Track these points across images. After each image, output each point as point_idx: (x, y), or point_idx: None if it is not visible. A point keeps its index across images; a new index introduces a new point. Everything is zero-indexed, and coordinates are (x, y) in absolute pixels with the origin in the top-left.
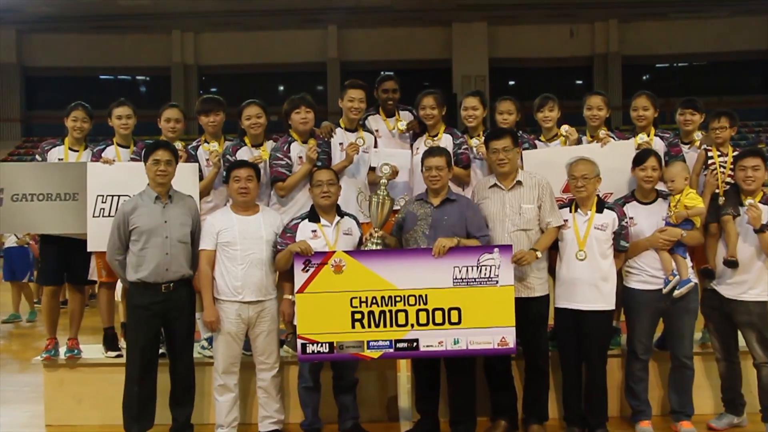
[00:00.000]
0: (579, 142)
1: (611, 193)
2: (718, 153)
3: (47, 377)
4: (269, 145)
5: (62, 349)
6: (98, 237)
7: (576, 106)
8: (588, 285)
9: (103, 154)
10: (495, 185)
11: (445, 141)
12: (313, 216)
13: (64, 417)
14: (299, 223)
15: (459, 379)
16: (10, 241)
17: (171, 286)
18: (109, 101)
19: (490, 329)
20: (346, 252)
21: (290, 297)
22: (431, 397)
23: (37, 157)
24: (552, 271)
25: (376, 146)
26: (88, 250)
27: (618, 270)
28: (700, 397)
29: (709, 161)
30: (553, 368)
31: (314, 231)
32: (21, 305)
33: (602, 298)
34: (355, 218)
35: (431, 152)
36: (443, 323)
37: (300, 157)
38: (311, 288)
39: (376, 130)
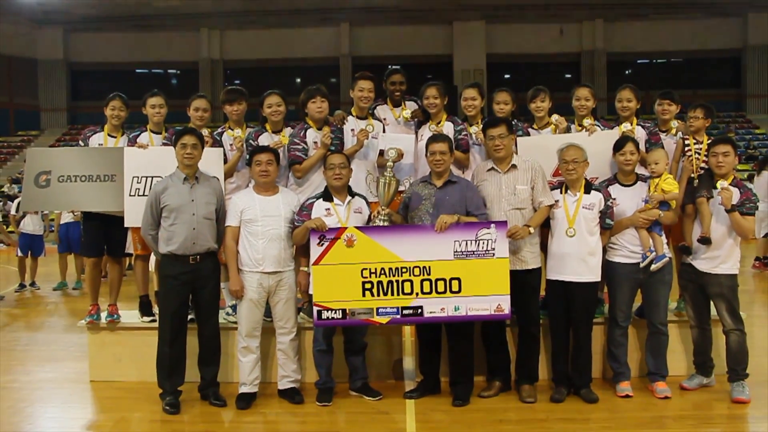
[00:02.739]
0: (568, 130)
1: (596, 178)
2: (694, 141)
3: (91, 338)
4: (288, 131)
5: (103, 314)
6: (134, 214)
7: (565, 97)
8: (576, 259)
9: (138, 140)
10: (492, 168)
11: (447, 128)
12: (326, 196)
13: (106, 374)
14: (314, 202)
15: (459, 343)
16: (67, 217)
17: (198, 258)
18: (143, 92)
19: (487, 297)
20: (357, 228)
21: (306, 269)
22: (433, 360)
23: (80, 142)
24: (544, 246)
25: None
26: (125, 225)
27: (603, 246)
28: (674, 360)
29: (686, 148)
30: (543, 334)
31: (328, 209)
32: (68, 275)
33: (589, 271)
34: (364, 198)
35: (434, 138)
36: (445, 292)
37: (315, 143)
38: (326, 260)
39: (384, 119)
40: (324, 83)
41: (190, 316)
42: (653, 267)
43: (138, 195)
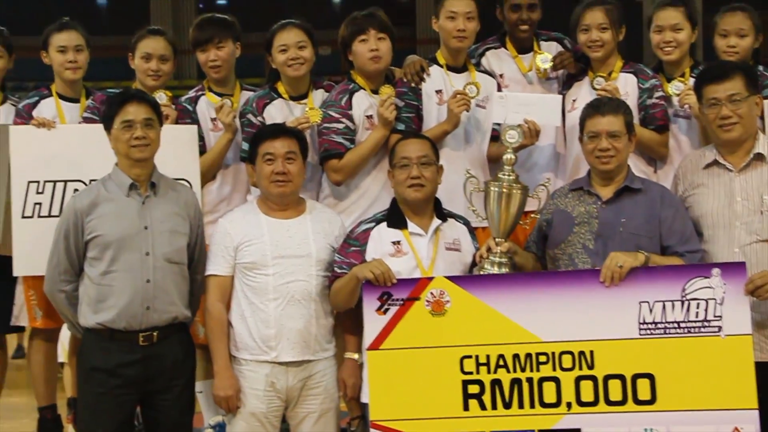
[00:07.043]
0: None
1: None
2: None
3: None
4: (318, 96)
5: None
6: (29, 253)
7: None
8: None
9: (35, 112)
10: (715, 163)
11: (624, 86)
12: (394, 218)
13: None
14: (372, 229)
15: None
16: None
17: (154, 335)
18: (45, 22)
19: (710, 413)
20: (451, 278)
21: (355, 356)
22: None
23: None
24: None
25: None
26: (14, 275)
27: None
28: None
29: None
30: None
31: (397, 243)
32: None
33: None
34: (465, 221)
35: (598, 107)
36: (624, 401)
37: (369, 117)
38: (392, 341)
39: (501, 75)
40: (384, 4)
41: None
42: None
43: (38, 216)
